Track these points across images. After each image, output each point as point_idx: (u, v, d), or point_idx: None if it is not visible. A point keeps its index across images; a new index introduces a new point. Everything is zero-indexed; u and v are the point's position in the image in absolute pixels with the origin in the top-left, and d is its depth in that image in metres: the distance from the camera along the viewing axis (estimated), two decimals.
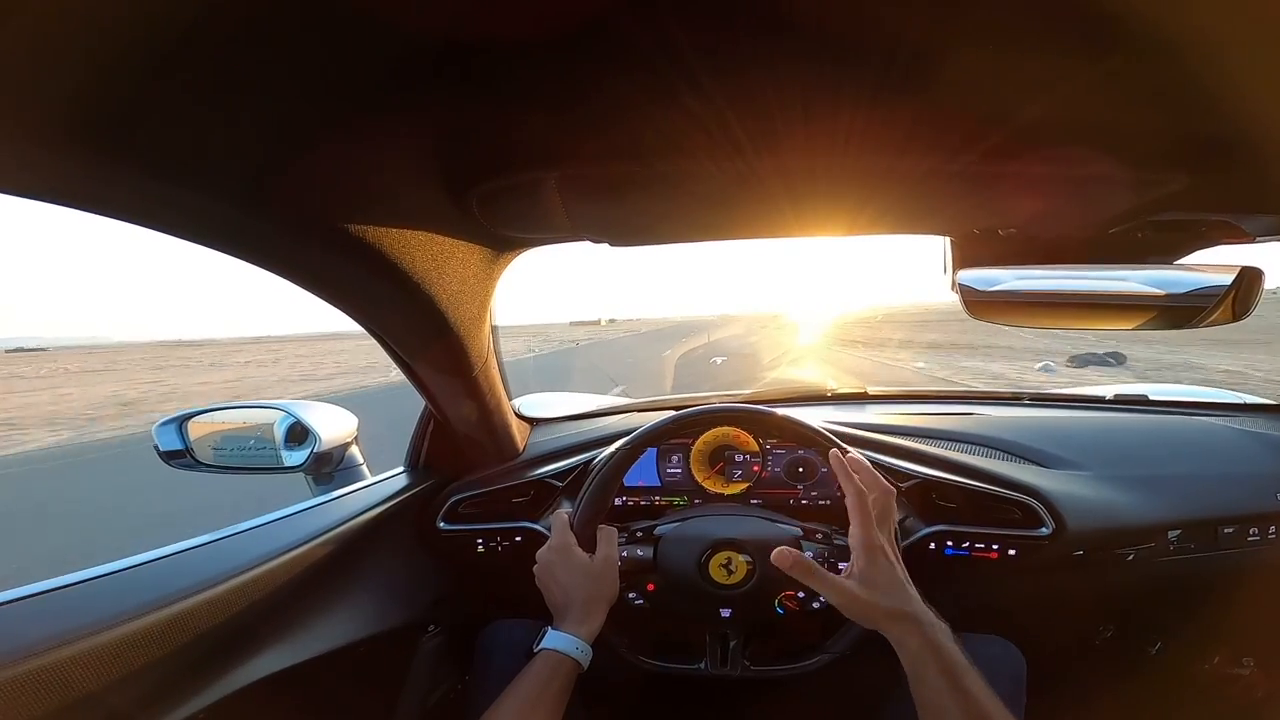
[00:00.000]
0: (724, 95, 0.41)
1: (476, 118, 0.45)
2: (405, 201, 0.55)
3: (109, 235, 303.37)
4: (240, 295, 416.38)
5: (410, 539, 1.00)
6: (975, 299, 0.72)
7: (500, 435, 1.04)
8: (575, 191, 0.56)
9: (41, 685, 0.49)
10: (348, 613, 0.85)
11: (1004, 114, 0.43)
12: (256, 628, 0.70)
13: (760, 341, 19.95)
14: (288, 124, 0.40)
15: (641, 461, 1.02)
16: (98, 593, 0.59)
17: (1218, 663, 1.11)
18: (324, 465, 1.03)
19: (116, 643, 0.54)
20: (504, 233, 0.67)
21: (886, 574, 0.61)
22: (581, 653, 0.72)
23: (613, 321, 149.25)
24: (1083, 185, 0.53)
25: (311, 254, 0.55)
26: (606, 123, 0.46)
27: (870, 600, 0.60)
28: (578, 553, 0.81)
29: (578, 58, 0.38)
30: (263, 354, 36.08)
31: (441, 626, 1.03)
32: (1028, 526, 0.89)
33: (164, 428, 0.97)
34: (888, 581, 0.61)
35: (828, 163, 0.50)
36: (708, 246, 5.82)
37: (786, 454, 1.03)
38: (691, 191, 0.56)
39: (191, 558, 0.68)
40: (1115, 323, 0.73)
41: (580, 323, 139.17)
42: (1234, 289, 0.65)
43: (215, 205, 0.44)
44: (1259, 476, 0.96)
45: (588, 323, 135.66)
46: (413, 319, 0.69)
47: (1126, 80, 0.38)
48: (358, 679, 0.88)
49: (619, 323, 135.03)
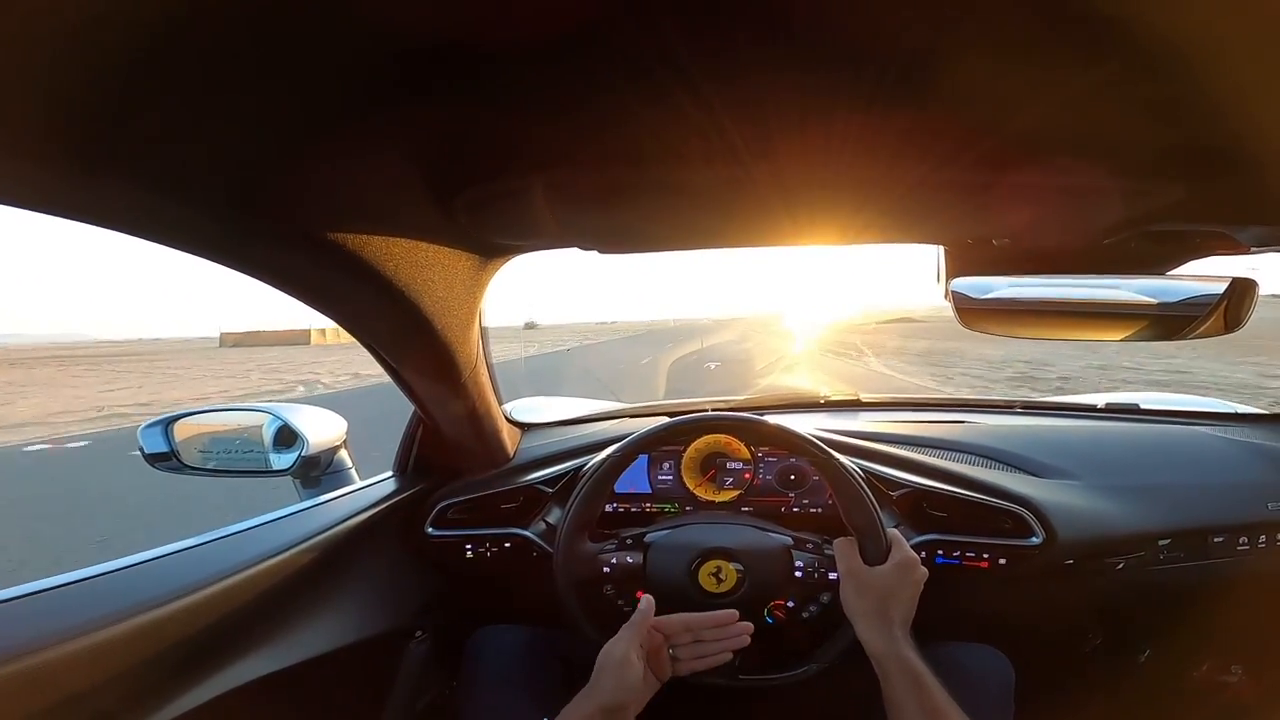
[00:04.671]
0: (717, 102, 0.41)
1: (463, 123, 0.45)
2: (390, 208, 0.54)
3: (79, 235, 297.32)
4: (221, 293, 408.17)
5: (398, 544, 0.99)
6: (968, 307, 0.71)
7: (490, 440, 1.04)
8: (564, 198, 0.55)
9: (30, 685, 0.49)
10: (334, 618, 0.84)
11: (1000, 123, 0.43)
12: (242, 632, 0.70)
13: (754, 348, 20.02)
14: (271, 131, 0.40)
15: (632, 468, 1.02)
16: (83, 595, 0.59)
17: (1206, 670, 1.11)
18: (312, 469, 1.02)
19: (101, 645, 0.54)
20: (492, 239, 0.66)
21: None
22: None
23: (532, 326, 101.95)
24: (1078, 195, 0.52)
25: (296, 261, 0.54)
26: (596, 128, 0.45)
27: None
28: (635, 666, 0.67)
29: (568, 63, 0.37)
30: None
31: (429, 632, 1.02)
32: (1018, 536, 0.89)
33: (149, 430, 0.96)
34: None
35: (822, 171, 0.50)
36: (699, 253, 5.92)
37: (778, 462, 1.03)
38: (683, 198, 0.56)
39: (178, 561, 0.68)
40: (1106, 333, 0.73)
41: (531, 324, 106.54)
42: (1225, 299, 0.65)
43: (199, 215, 0.44)
44: (1249, 486, 0.96)
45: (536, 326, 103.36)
46: (400, 325, 0.68)
47: (1123, 90, 0.38)
48: (344, 684, 0.87)
49: (540, 327, 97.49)
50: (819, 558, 0.85)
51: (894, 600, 0.72)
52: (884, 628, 0.69)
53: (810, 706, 0.90)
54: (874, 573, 0.75)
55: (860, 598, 0.74)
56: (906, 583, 0.74)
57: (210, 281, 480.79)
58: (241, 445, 1.02)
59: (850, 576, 0.76)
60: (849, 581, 0.76)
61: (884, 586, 0.73)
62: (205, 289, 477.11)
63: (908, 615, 0.72)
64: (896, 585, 0.73)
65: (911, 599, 0.73)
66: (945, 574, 0.89)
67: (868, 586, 0.74)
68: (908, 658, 0.66)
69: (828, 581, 0.83)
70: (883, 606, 0.71)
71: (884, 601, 0.72)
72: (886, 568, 0.75)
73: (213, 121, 0.37)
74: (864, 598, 0.74)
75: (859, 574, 0.75)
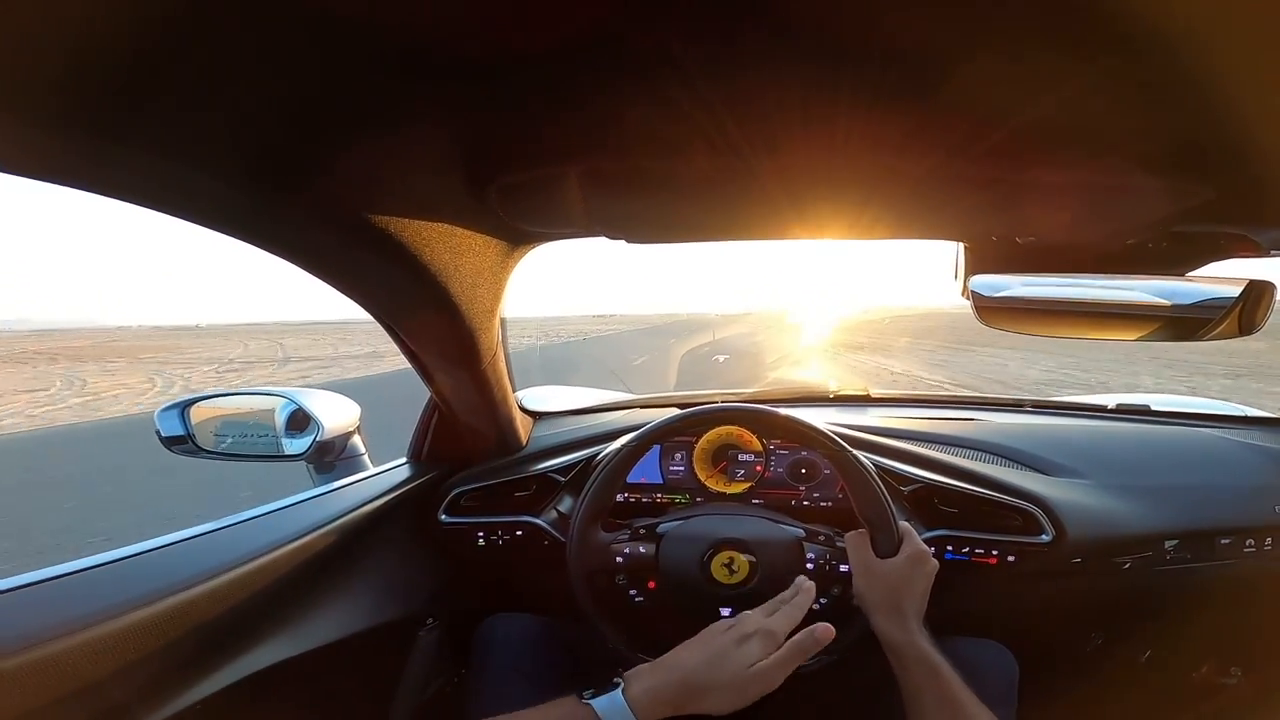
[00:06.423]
0: (752, 95, 0.41)
1: (500, 114, 0.45)
2: (424, 191, 0.54)
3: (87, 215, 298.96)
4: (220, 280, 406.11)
5: (410, 531, 0.99)
6: (986, 305, 0.72)
7: (504, 428, 1.04)
8: (596, 186, 0.55)
9: (40, 675, 0.49)
10: (347, 605, 0.85)
11: (1022, 116, 0.43)
12: (256, 619, 0.70)
13: (765, 341, 19.95)
14: (306, 112, 0.40)
15: (644, 458, 1.02)
16: (97, 582, 0.58)
17: (1206, 672, 1.12)
18: (326, 454, 1.02)
19: (116, 633, 0.54)
20: (521, 226, 0.66)
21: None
22: None
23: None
24: (1108, 194, 0.53)
25: (327, 241, 0.54)
26: (630, 120, 0.46)
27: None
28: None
29: (603, 61, 0.38)
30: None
31: (439, 620, 1.03)
32: (1028, 533, 0.90)
33: (166, 413, 0.96)
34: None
35: (857, 165, 0.50)
36: (714, 245, 5.99)
37: (790, 455, 1.03)
38: (715, 190, 0.56)
39: (191, 547, 0.68)
40: (1122, 333, 0.73)
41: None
42: (1241, 302, 0.65)
43: (229, 190, 0.44)
44: (1258, 489, 0.97)
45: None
46: (427, 309, 0.69)
47: (1153, 88, 0.38)
48: (355, 672, 0.87)
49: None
50: (830, 550, 0.86)
51: (907, 592, 0.73)
52: (899, 619, 0.71)
53: (822, 698, 0.90)
54: (886, 565, 0.76)
55: (873, 590, 0.75)
56: (919, 575, 0.75)
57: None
58: (256, 430, 1.02)
59: (863, 569, 0.77)
60: (862, 574, 0.77)
61: (896, 579, 0.74)
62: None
63: (920, 607, 0.73)
64: (909, 577, 0.74)
65: (924, 591, 0.74)
66: (954, 570, 0.90)
67: (880, 579, 0.75)
68: (924, 648, 0.67)
69: (839, 574, 0.84)
70: (895, 598, 0.73)
71: (897, 593, 0.73)
72: (899, 560, 0.76)
73: (246, 99, 0.37)
74: (876, 590, 0.75)
75: (871, 567, 0.77)
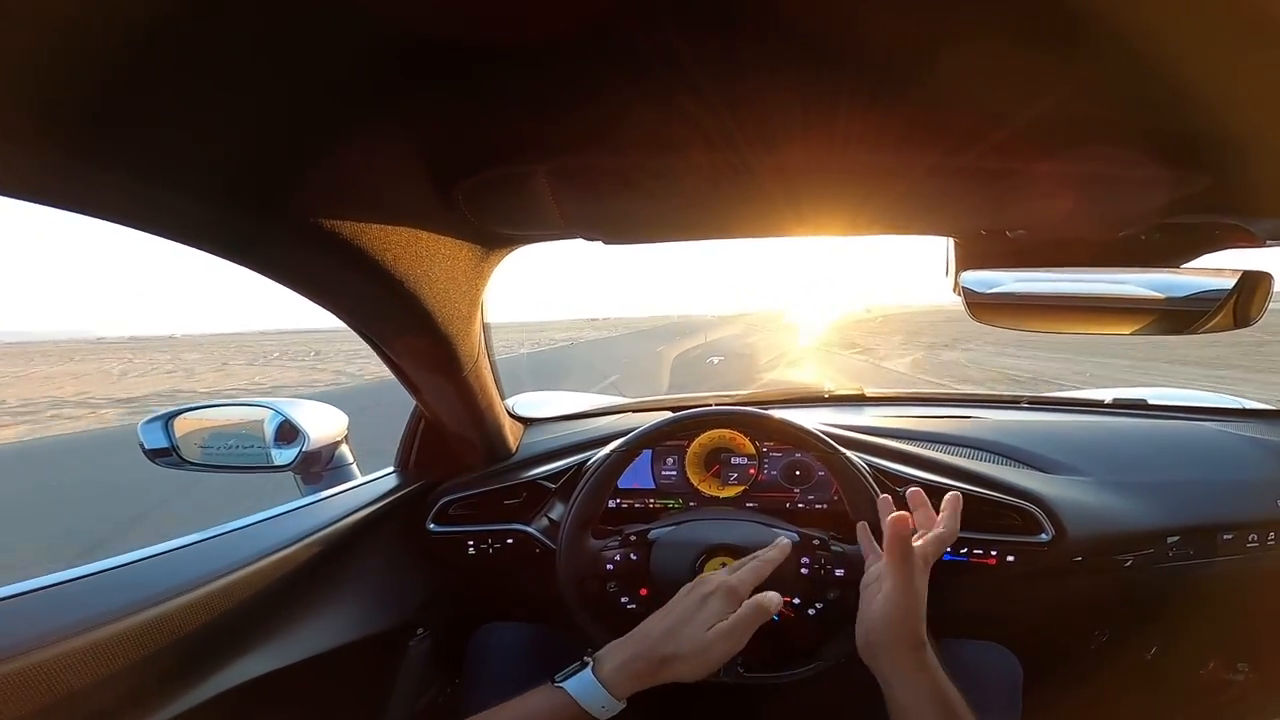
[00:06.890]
0: (723, 93, 0.40)
1: (463, 111, 0.44)
2: (389, 197, 0.53)
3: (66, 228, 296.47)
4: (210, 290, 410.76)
5: (399, 541, 0.98)
6: (978, 301, 0.71)
7: (492, 435, 1.03)
8: (566, 186, 0.54)
9: (24, 685, 0.49)
10: (335, 616, 0.84)
11: (1011, 110, 0.42)
12: (243, 630, 0.69)
13: (759, 341, 19.97)
14: (268, 121, 0.39)
15: (636, 463, 1.01)
16: (82, 592, 0.58)
17: (1212, 668, 1.10)
18: (313, 465, 1.01)
19: (100, 643, 0.54)
20: (493, 229, 0.65)
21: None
22: (604, 711, 0.60)
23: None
24: (1099, 185, 0.51)
25: (294, 252, 0.53)
26: (601, 118, 0.45)
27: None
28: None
29: (573, 59, 0.37)
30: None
31: (430, 629, 1.02)
32: (1027, 533, 0.88)
33: (149, 425, 0.95)
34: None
35: (831, 161, 0.49)
36: (702, 245, 5.91)
37: (784, 457, 1.02)
38: (690, 188, 0.55)
39: (177, 558, 0.67)
40: (1116, 327, 0.72)
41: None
42: (1236, 293, 0.64)
43: (195, 205, 0.43)
44: (1259, 483, 0.96)
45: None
46: (400, 318, 0.67)
47: (1145, 76, 0.37)
48: (345, 683, 0.86)
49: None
50: (825, 555, 0.84)
51: (918, 611, 0.64)
52: (916, 652, 0.62)
53: (816, 704, 0.89)
54: (880, 607, 0.65)
55: (881, 632, 0.65)
56: (915, 602, 0.65)
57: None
58: (242, 441, 1.01)
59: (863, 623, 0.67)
60: (876, 625, 0.66)
61: (898, 615, 0.64)
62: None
63: (922, 629, 0.65)
64: (908, 607, 0.64)
65: (922, 614, 0.65)
66: (953, 571, 0.88)
67: (883, 620, 0.65)
68: (938, 682, 0.61)
69: (834, 579, 0.82)
70: (915, 626, 0.64)
71: (912, 616, 0.64)
72: (890, 593, 0.64)
73: (208, 113, 0.36)
74: (885, 632, 0.64)
75: (870, 620, 0.66)
